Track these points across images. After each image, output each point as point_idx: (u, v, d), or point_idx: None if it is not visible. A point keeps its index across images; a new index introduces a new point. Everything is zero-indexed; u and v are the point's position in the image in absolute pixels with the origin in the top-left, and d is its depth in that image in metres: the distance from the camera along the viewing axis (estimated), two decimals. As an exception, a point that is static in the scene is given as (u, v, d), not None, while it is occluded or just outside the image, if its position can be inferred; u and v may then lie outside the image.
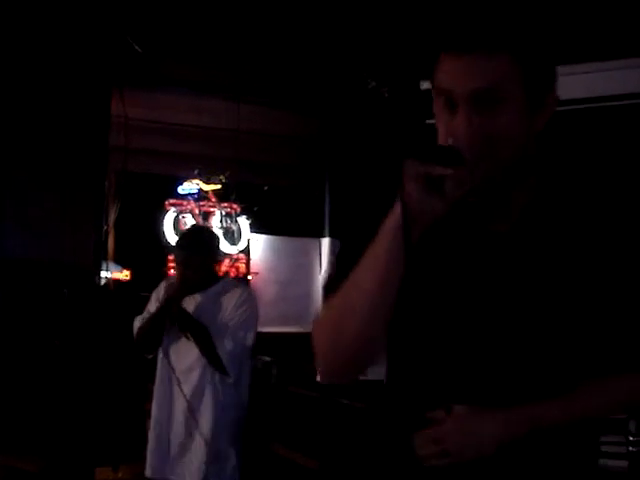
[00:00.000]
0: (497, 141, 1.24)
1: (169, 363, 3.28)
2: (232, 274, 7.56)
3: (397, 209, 1.24)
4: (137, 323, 3.35)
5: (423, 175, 1.19)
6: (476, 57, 1.22)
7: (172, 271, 6.84)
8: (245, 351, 3.29)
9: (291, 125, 6.91)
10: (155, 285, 3.56)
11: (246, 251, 7.86)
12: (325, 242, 7.56)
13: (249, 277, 7.75)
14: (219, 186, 7.58)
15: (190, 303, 3.27)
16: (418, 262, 1.28)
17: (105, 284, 6.10)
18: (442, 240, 1.37)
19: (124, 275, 6.95)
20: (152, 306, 3.37)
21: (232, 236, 7.77)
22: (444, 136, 1.26)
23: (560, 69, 1.33)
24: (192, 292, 3.27)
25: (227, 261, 7.75)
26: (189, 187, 7.62)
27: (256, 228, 7.86)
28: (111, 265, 6.63)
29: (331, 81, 5.89)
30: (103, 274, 5.91)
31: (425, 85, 4.83)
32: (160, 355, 3.33)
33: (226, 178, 7.44)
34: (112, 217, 6.27)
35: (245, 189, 7.76)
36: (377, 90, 5.39)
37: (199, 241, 3.40)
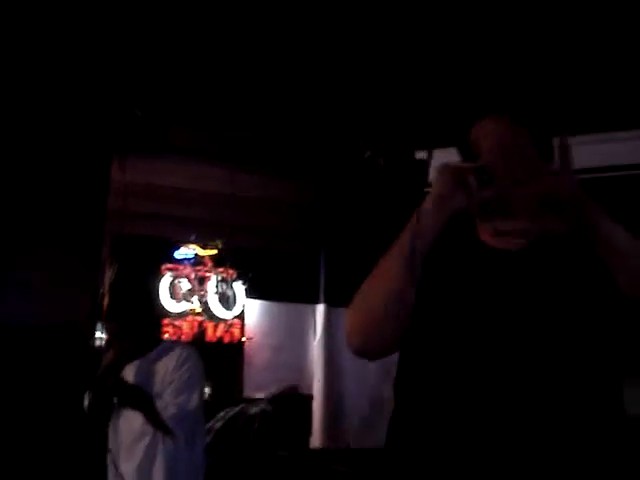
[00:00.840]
0: (517, 162, 1.50)
1: (116, 435, 3.14)
2: (226, 339, 7.55)
3: (424, 204, 1.49)
4: (86, 399, 3.20)
5: (456, 171, 1.48)
6: (509, 125, 1.60)
7: (166, 335, 6.84)
8: (192, 413, 3.11)
9: (288, 192, 6.98)
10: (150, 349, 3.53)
11: (241, 316, 7.86)
12: (320, 308, 7.57)
13: (243, 340, 7.74)
14: (215, 251, 7.63)
15: (128, 372, 3.13)
16: (434, 274, 1.50)
17: (100, 346, 6.08)
18: (459, 254, 1.57)
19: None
20: (94, 384, 3.20)
21: (227, 301, 7.78)
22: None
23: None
24: (130, 360, 3.13)
25: (222, 326, 7.74)
26: (185, 252, 7.66)
27: (251, 293, 7.88)
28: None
29: (328, 150, 5.98)
30: (98, 334, 5.89)
31: (420, 155, 4.94)
32: (110, 427, 3.17)
33: (222, 243, 7.49)
34: (108, 280, 6.28)
35: (241, 254, 7.80)
36: (373, 159, 5.48)
37: (128, 309, 3.26)
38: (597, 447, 1.45)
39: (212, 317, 7.51)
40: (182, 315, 7.24)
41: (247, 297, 7.87)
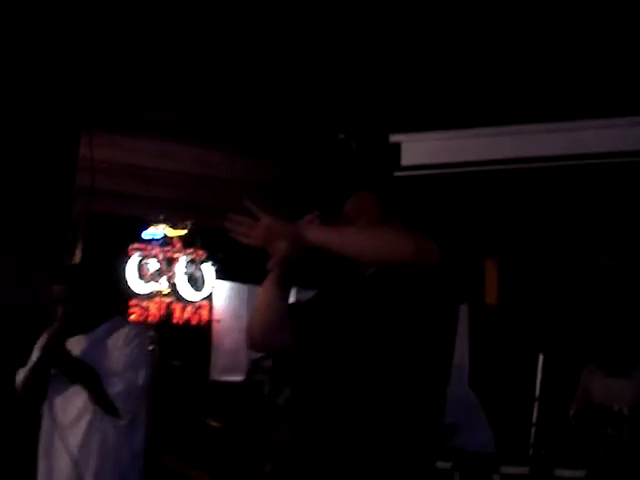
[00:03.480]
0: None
1: (52, 416, 3.07)
2: (194, 321, 7.49)
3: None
4: (20, 376, 3.13)
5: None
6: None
7: (133, 316, 6.77)
8: (137, 391, 3.10)
9: (258, 172, 6.93)
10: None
11: (209, 298, 7.80)
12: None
13: (212, 322, 7.68)
14: (184, 232, 7.55)
15: (75, 346, 3.08)
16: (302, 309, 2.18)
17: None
18: (329, 281, 2.17)
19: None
20: (35, 355, 3.14)
21: (196, 283, 7.71)
22: None
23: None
24: (76, 333, 3.09)
25: (190, 308, 7.68)
26: (154, 232, 7.57)
27: (220, 275, 7.82)
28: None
29: (300, 130, 5.93)
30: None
31: (394, 138, 4.90)
32: (45, 408, 3.11)
33: (192, 224, 7.41)
34: (76, 259, 6.20)
35: (210, 235, 7.73)
36: (346, 142, 5.43)
37: (83, 273, 3.24)
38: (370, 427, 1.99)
39: (180, 298, 7.43)
40: (150, 296, 7.14)
41: (216, 279, 7.82)
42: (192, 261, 7.76)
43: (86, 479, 3.03)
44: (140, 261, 7.52)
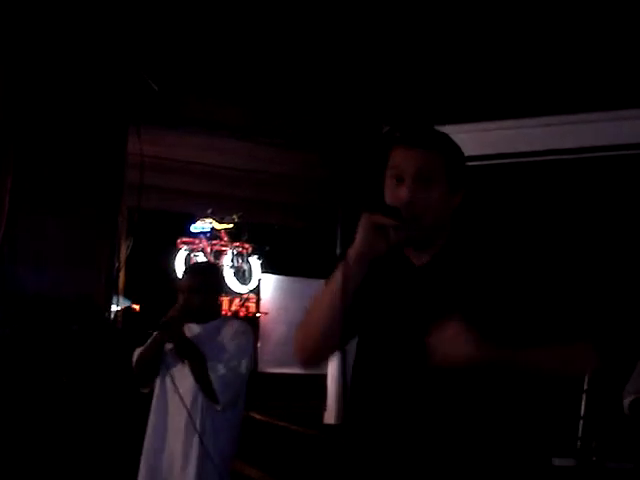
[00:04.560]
0: (425, 208, 1.83)
1: (166, 393, 3.30)
2: (242, 313, 7.56)
3: (350, 251, 1.82)
4: (137, 353, 3.37)
5: (373, 223, 1.79)
6: (419, 151, 1.87)
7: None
8: (238, 378, 3.30)
9: (305, 166, 6.95)
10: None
11: (256, 291, 7.87)
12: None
13: (258, 315, 7.74)
14: (231, 225, 7.62)
15: (187, 332, 3.29)
16: (364, 291, 1.85)
17: (114, 319, 6.11)
18: (382, 273, 1.92)
19: (134, 309, 6.97)
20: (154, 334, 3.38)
21: (243, 275, 7.78)
22: (391, 199, 1.86)
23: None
24: (192, 320, 3.31)
25: (237, 300, 7.75)
26: (201, 225, 7.66)
27: (267, 268, 7.88)
28: (121, 299, 6.64)
29: (345, 124, 5.94)
30: (113, 307, 5.92)
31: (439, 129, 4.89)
32: (157, 385, 3.34)
33: (239, 218, 7.48)
34: (124, 253, 6.29)
35: (257, 229, 7.79)
36: (391, 134, 5.43)
37: (210, 272, 3.53)
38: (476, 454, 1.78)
39: (228, 291, 7.52)
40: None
41: (263, 272, 7.87)
42: (239, 254, 7.84)
43: (191, 457, 3.23)
44: (188, 254, 7.63)
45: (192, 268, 3.63)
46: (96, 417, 4.75)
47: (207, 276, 3.43)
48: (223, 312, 7.11)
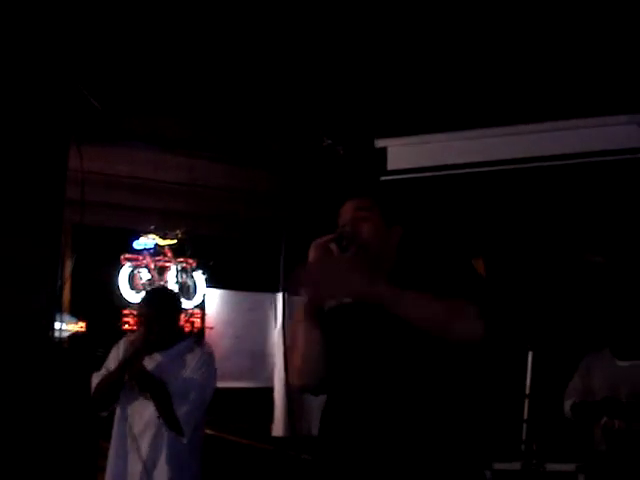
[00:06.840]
0: (366, 236, 2.19)
1: (126, 421, 3.28)
2: (187, 329, 7.53)
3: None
4: (95, 380, 3.35)
5: (322, 242, 2.16)
6: (356, 200, 2.28)
7: (126, 326, 6.81)
8: (203, 406, 3.33)
9: (247, 180, 6.97)
10: (110, 339, 3.56)
11: (201, 306, 7.85)
12: (280, 297, 7.58)
13: (204, 329, 7.72)
14: (175, 241, 7.60)
15: (150, 362, 3.29)
16: (330, 317, 2.20)
17: (59, 338, 6.03)
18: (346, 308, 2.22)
19: (79, 327, 6.89)
20: (111, 363, 3.38)
21: (187, 291, 7.76)
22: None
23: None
24: (154, 350, 3.31)
25: (182, 316, 7.72)
26: (145, 242, 7.62)
27: (211, 283, 7.86)
28: (65, 317, 6.57)
29: (287, 138, 5.98)
30: (57, 325, 5.84)
31: (380, 143, 4.96)
32: (117, 412, 3.32)
33: (182, 233, 7.46)
34: (68, 270, 6.23)
35: (201, 243, 7.77)
36: (332, 148, 5.49)
37: (166, 299, 3.50)
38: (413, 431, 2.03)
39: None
40: (142, 305, 7.15)
41: (207, 286, 7.86)
42: (183, 270, 7.82)
43: None
44: (132, 271, 7.58)
45: (148, 297, 3.61)
46: (41, 434, 4.68)
47: (164, 302, 3.43)
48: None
